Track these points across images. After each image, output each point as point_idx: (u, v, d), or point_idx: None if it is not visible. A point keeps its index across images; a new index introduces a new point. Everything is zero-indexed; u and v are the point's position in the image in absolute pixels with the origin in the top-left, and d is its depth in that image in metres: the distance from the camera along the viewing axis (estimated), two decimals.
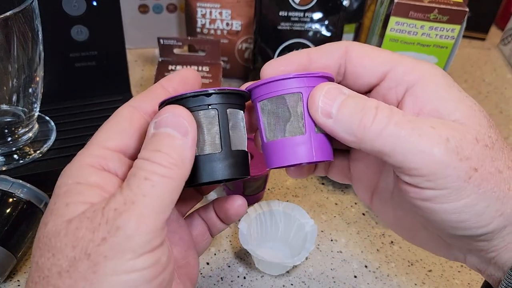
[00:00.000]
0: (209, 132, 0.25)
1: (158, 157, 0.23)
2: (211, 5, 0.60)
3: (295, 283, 0.40)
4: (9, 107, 0.42)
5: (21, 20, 0.37)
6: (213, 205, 0.32)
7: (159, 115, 0.24)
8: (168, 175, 0.22)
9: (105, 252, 0.21)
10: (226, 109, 0.25)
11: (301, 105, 0.25)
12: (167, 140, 0.23)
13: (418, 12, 0.49)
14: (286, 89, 0.25)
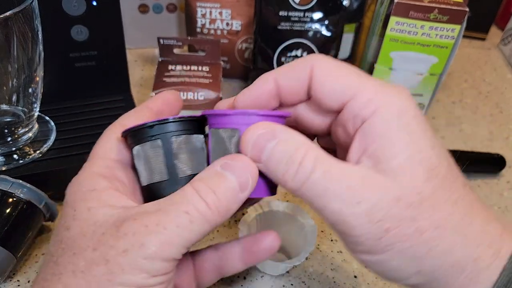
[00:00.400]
0: (156, 162, 0.26)
1: (208, 196, 0.23)
2: (211, 5, 0.60)
3: (295, 283, 0.40)
4: (9, 107, 0.42)
5: (21, 20, 0.37)
6: (240, 240, 0.31)
7: (232, 158, 0.24)
8: (208, 217, 0.23)
9: (123, 265, 0.22)
10: (170, 137, 0.26)
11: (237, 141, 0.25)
12: (226, 187, 0.24)
13: (418, 12, 0.49)
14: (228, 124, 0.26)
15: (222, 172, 0.24)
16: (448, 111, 0.64)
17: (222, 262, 0.31)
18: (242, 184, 0.24)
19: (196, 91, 0.49)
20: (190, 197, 0.23)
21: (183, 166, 0.27)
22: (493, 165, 0.53)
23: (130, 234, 0.22)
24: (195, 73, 0.52)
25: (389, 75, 0.54)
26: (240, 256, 0.30)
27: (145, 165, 0.27)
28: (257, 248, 0.30)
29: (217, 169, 0.24)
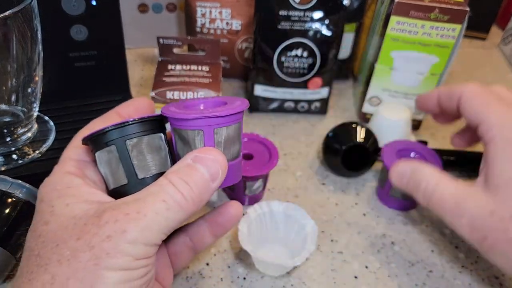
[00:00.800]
0: (114, 167, 0.28)
1: (183, 188, 0.25)
2: (211, 5, 0.60)
3: (296, 283, 0.40)
4: (8, 107, 0.42)
5: (20, 20, 0.37)
6: (204, 217, 0.34)
7: (202, 152, 0.27)
8: (183, 206, 0.25)
9: (107, 249, 0.23)
10: (124, 142, 0.27)
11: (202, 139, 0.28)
12: (199, 178, 0.26)
13: (419, 11, 0.48)
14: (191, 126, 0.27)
15: (193, 164, 0.26)
16: None
17: (193, 241, 0.34)
18: (212, 174, 0.26)
19: (196, 90, 0.49)
20: (165, 187, 0.25)
21: (144, 167, 0.28)
22: None
23: (112, 222, 0.24)
24: (195, 72, 0.52)
25: (389, 74, 0.54)
26: (209, 231, 0.34)
27: (106, 170, 0.28)
28: (222, 219, 0.33)
29: (188, 162, 0.27)
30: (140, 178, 0.28)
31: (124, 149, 0.27)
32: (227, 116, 0.27)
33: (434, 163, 0.40)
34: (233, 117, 0.28)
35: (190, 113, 0.27)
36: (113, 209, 0.25)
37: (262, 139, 0.47)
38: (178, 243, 0.34)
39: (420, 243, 0.44)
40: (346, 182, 0.51)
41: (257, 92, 0.59)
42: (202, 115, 0.27)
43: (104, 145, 0.27)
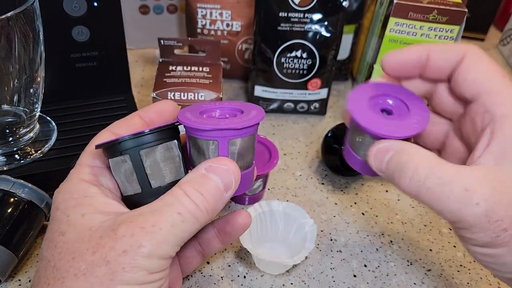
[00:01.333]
0: (128, 175, 0.28)
1: (198, 199, 0.25)
2: (211, 6, 0.60)
3: (295, 282, 0.40)
4: (10, 107, 0.42)
5: (22, 21, 0.37)
6: (213, 223, 0.34)
7: (216, 162, 0.27)
8: (198, 217, 0.25)
9: (124, 263, 0.23)
10: (138, 152, 0.27)
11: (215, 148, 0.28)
12: (212, 188, 0.26)
13: (418, 12, 0.49)
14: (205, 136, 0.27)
15: (207, 174, 0.26)
16: None
17: (202, 247, 0.34)
18: (226, 184, 0.26)
19: (197, 91, 0.49)
20: (180, 198, 0.25)
21: (158, 176, 0.28)
22: None
23: (128, 236, 0.24)
24: (195, 73, 0.52)
25: None
26: (217, 238, 0.34)
27: (120, 178, 0.28)
28: (230, 228, 0.33)
29: (202, 172, 0.26)
30: (154, 187, 0.28)
31: (138, 159, 0.27)
32: (244, 128, 0.27)
33: (420, 113, 0.29)
34: (249, 129, 0.28)
35: (205, 124, 0.27)
36: (130, 221, 0.25)
37: (262, 139, 0.47)
38: (188, 247, 0.34)
39: (418, 242, 0.45)
40: (345, 182, 0.51)
41: (257, 93, 0.59)
42: (217, 127, 0.27)
43: (118, 153, 0.27)
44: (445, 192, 0.24)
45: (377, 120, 0.28)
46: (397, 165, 0.26)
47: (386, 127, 0.28)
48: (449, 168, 0.25)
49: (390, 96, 0.31)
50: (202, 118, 0.28)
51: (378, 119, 0.28)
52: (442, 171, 0.25)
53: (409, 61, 0.29)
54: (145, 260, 0.24)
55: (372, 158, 0.28)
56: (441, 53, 0.28)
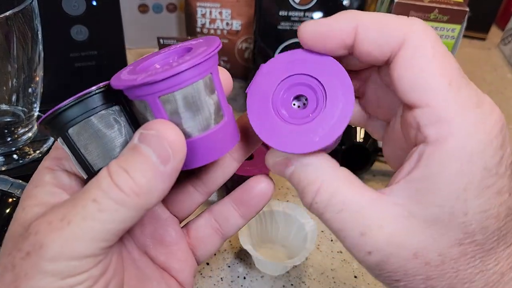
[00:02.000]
0: (72, 158, 0.22)
1: (121, 179, 0.19)
2: (211, 5, 0.60)
3: (295, 283, 0.40)
4: (8, 107, 0.42)
5: (21, 20, 0.37)
6: (229, 195, 0.28)
7: (146, 127, 0.20)
8: (122, 202, 0.19)
9: (26, 269, 0.19)
10: (67, 131, 0.21)
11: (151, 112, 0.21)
12: (141, 162, 0.20)
13: (419, 12, 0.49)
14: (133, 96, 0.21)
15: (138, 145, 0.20)
16: None
17: (220, 223, 0.28)
18: (161, 155, 0.20)
19: None
20: (101, 181, 0.20)
21: (98, 157, 0.22)
22: None
23: (33, 234, 0.20)
24: None
25: None
26: (236, 212, 0.28)
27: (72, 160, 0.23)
28: (248, 196, 0.27)
29: (134, 142, 0.20)
30: (96, 171, 0.22)
31: (70, 141, 0.21)
32: (172, 77, 0.20)
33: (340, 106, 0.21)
34: (188, 73, 0.20)
35: (124, 81, 0.21)
36: (42, 216, 0.20)
37: None
38: (201, 225, 0.28)
39: None
40: None
41: None
42: (133, 83, 0.20)
43: (54, 136, 0.22)
44: (342, 232, 0.21)
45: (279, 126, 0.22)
46: (298, 184, 0.22)
47: (288, 138, 0.21)
48: (352, 202, 0.20)
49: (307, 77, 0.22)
50: (135, 74, 0.21)
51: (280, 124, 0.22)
52: (343, 203, 0.20)
53: (332, 37, 0.21)
54: (49, 263, 0.19)
55: (271, 168, 0.23)
56: (370, 32, 0.20)
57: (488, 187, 0.19)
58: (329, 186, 0.21)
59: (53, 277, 0.19)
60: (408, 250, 0.20)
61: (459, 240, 0.19)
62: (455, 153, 0.19)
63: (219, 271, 0.41)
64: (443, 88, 0.19)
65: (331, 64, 0.22)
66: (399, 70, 0.20)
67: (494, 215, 0.19)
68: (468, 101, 0.19)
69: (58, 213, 0.20)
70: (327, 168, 0.21)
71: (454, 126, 0.19)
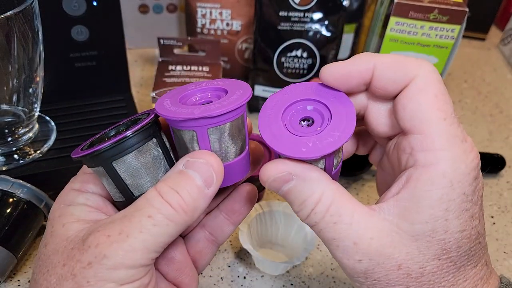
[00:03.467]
0: (109, 185, 0.26)
1: (172, 197, 0.23)
2: (211, 5, 0.60)
3: (295, 283, 0.40)
4: (9, 107, 0.42)
5: (21, 20, 0.37)
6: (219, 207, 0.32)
7: (194, 156, 0.24)
8: (173, 218, 0.23)
9: (88, 277, 0.22)
10: (111, 164, 0.24)
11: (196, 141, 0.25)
12: (190, 185, 0.23)
13: (418, 12, 0.49)
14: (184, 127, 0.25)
15: (185, 171, 0.24)
16: None
17: (214, 235, 0.32)
18: (206, 180, 0.24)
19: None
20: (152, 200, 0.23)
21: (139, 184, 0.25)
22: (493, 165, 0.53)
23: (93, 246, 0.22)
24: (195, 73, 0.52)
25: None
26: (227, 220, 0.31)
27: (105, 186, 0.26)
28: (239, 205, 0.31)
29: (180, 168, 0.24)
30: (137, 196, 0.25)
31: (113, 171, 0.25)
32: (222, 115, 0.24)
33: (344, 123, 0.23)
34: (231, 114, 0.25)
35: (179, 113, 0.24)
36: (97, 230, 0.23)
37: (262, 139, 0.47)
38: (199, 240, 0.32)
39: None
40: (345, 182, 0.51)
41: (257, 92, 0.59)
42: (191, 116, 0.24)
43: (92, 166, 0.25)
44: (335, 241, 0.23)
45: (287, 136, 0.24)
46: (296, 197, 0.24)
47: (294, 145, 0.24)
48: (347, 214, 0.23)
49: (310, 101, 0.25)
50: (179, 105, 0.25)
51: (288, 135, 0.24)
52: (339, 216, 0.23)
53: (353, 75, 0.25)
54: (111, 272, 0.22)
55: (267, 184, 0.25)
56: (387, 71, 0.24)
57: (466, 210, 0.22)
58: (328, 198, 0.23)
59: (113, 283, 0.22)
60: (394, 261, 0.22)
61: (438, 255, 0.22)
62: (440, 177, 0.22)
63: (219, 271, 0.41)
64: (438, 121, 0.22)
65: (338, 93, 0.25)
66: (404, 100, 0.23)
67: (467, 236, 0.23)
68: (456, 136, 0.23)
69: (115, 228, 0.23)
70: (327, 182, 0.24)
71: (443, 154, 0.22)
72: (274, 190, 0.24)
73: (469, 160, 0.22)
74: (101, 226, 0.23)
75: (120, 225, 0.23)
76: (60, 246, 0.24)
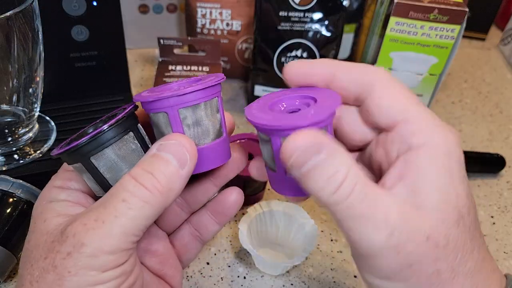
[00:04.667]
0: (90, 181, 0.26)
1: (146, 179, 0.23)
2: (211, 5, 0.60)
3: (295, 283, 0.40)
4: (9, 107, 0.42)
5: (22, 20, 0.37)
6: (206, 206, 0.33)
7: (166, 139, 0.25)
8: (148, 200, 0.23)
9: (69, 267, 0.22)
10: (89, 159, 0.25)
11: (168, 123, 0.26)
12: (163, 165, 0.24)
13: (418, 12, 0.49)
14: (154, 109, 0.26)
15: (158, 153, 0.24)
16: (447, 111, 0.64)
17: (199, 231, 0.33)
18: (180, 160, 0.24)
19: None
20: (126, 184, 0.23)
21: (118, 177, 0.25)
22: (493, 165, 0.53)
23: (71, 236, 0.23)
24: (195, 73, 0.52)
25: None
26: (212, 220, 0.32)
27: (86, 181, 0.27)
28: (223, 208, 0.32)
29: (153, 151, 0.25)
30: None
31: (92, 166, 0.25)
32: (191, 93, 0.25)
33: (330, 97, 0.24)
34: (201, 93, 0.25)
35: (152, 95, 0.25)
36: (75, 219, 0.23)
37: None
38: (184, 235, 0.33)
39: None
40: None
41: (257, 93, 0.59)
42: (161, 95, 0.25)
43: (71, 162, 0.26)
44: (362, 218, 0.22)
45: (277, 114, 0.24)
46: (323, 173, 0.22)
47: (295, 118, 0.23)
48: (373, 190, 0.22)
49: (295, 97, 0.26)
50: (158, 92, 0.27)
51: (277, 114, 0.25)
52: (366, 192, 0.22)
53: (314, 75, 0.25)
54: (91, 259, 0.22)
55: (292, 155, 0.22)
56: (347, 73, 0.25)
57: (464, 177, 0.24)
58: (354, 173, 0.22)
59: (95, 271, 0.22)
60: (422, 233, 0.22)
61: (457, 221, 0.23)
62: (437, 151, 0.23)
63: (219, 271, 0.41)
64: (415, 107, 0.24)
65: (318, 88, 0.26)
66: (377, 100, 0.24)
67: (471, 201, 0.24)
68: (432, 115, 0.24)
69: (91, 216, 0.23)
70: (351, 158, 0.23)
71: (432, 132, 0.23)
72: (297, 166, 0.22)
73: (452, 131, 0.24)
74: (78, 216, 0.24)
75: (96, 213, 0.23)
76: (41, 240, 0.24)
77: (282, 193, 0.26)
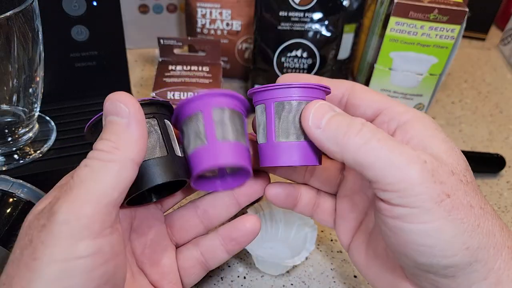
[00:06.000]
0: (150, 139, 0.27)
1: (100, 144, 0.24)
2: (211, 5, 0.60)
3: (295, 283, 0.40)
4: (9, 107, 0.42)
5: (22, 20, 0.37)
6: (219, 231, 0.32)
7: (105, 104, 0.25)
8: (109, 159, 0.23)
9: (42, 238, 0.22)
10: (163, 119, 0.28)
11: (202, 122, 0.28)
12: (110, 127, 0.24)
13: (418, 12, 0.49)
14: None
15: (105, 122, 0.25)
16: (447, 111, 0.64)
17: (205, 257, 0.31)
18: (119, 113, 0.24)
19: (196, 91, 0.49)
20: (87, 155, 0.24)
21: None
22: (493, 165, 0.53)
23: (47, 210, 0.23)
24: (195, 73, 0.52)
25: (388, 75, 0.54)
26: (222, 246, 0.31)
27: None
28: (237, 234, 0.31)
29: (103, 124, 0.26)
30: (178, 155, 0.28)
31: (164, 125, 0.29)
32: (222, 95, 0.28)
33: None
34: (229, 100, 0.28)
35: None
36: (48, 195, 0.24)
37: None
38: (189, 257, 0.32)
39: None
40: None
41: None
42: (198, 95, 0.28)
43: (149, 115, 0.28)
44: (396, 151, 0.23)
45: None
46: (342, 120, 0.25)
47: None
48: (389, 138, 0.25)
49: None
50: None
51: None
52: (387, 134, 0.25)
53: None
54: (63, 226, 0.22)
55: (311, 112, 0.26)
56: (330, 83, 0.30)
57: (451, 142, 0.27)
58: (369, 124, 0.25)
59: (69, 239, 0.21)
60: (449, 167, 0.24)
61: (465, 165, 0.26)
62: (425, 120, 0.27)
63: (219, 271, 0.41)
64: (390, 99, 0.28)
65: None
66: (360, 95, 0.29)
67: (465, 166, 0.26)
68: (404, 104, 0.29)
69: (62, 188, 0.24)
70: None
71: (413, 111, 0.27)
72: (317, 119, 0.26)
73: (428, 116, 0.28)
74: (51, 191, 0.25)
75: (65, 184, 0.24)
76: (27, 221, 0.24)
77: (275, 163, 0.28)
